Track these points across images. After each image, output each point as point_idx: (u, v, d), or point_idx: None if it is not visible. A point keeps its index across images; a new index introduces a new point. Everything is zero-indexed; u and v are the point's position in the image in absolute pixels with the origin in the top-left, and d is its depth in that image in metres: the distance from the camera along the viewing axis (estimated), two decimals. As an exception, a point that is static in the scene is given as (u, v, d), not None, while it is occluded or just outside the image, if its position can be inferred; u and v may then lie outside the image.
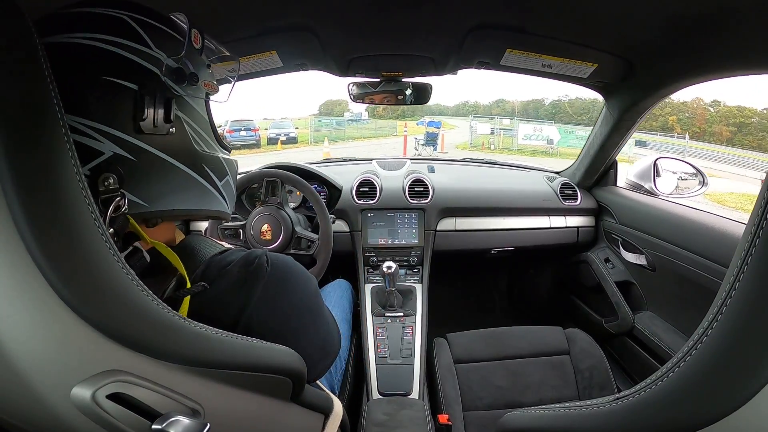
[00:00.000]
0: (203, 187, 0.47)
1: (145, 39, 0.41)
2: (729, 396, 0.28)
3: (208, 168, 0.48)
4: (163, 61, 0.42)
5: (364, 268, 1.37)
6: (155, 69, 0.42)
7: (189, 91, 0.46)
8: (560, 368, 1.08)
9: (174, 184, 0.44)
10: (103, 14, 0.40)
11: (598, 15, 0.85)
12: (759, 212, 0.27)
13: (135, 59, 0.40)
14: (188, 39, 0.45)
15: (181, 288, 0.42)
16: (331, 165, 1.78)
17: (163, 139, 0.43)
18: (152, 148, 0.42)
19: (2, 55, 0.28)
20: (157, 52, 0.42)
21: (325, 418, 0.63)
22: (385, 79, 1.26)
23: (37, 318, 0.28)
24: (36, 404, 0.29)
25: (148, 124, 0.41)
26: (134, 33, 0.41)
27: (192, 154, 0.46)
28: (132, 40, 0.40)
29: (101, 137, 0.38)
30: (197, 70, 0.46)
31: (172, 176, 0.44)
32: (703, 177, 1.30)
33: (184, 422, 0.32)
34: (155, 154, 0.42)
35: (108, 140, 0.39)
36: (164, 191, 0.43)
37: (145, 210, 0.42)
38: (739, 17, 0.68)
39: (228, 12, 0.84)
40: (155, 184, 0.42)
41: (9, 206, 0.27)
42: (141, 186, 0.41)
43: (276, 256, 0.50)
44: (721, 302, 0.29)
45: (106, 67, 0.39)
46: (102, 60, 0.39)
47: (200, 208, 0.47)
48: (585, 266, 1.49)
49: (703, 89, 41.54)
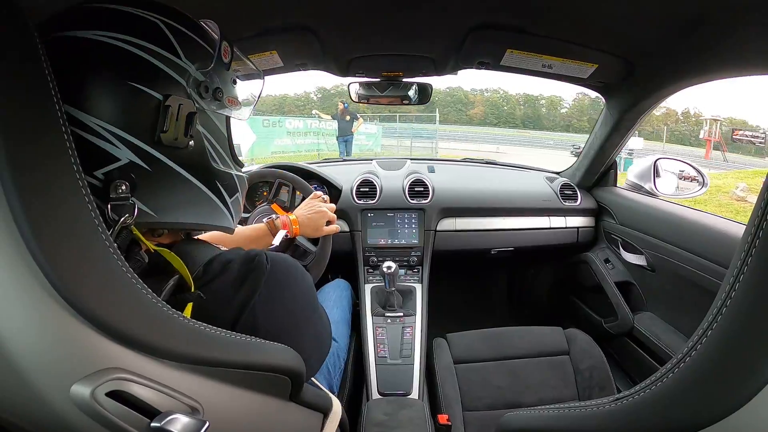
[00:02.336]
0: (213, 203, 0.47)
1: (176, 48, 0.40)
2: (729, 396, 0.28)
3: (220, 184, 0.48)
4: (191, 73, 0.41)
5: (363, 268, 1.37)
6: (182, 80, 0.41)
7: (212, 106, 0.45)
8: (560, 368, 1.08)
9: (185, 197, 0.43)
10: (135, 15, 0.39)
11: (598, 15, 0.85)
12: (759, 212, 0.27)
13: (163, 68, 0.39)
14: (218, 51, 0.44)
15: (181, 290, 0.42)
16: (331, 165, 1.78)
17: (180, 152, 0.42)
18: (169, 161, 0.41)
19: (2, 55, 0.28)
20: (186, 62, 0.41)
21: (324, 417, 0.63)
22: (385, 79, 1.26)
23: (36, 316, 0.28)
24: (35, 402, 0.29)
25: (168, 136, 0.40)
26: (166, 40, 0.40)
27: (207, 169, 0.46)
28: (163, 47, 0.39)
29: (119, 143, 0.38)
30: (223, 84, 0.45)
31: (185, 190, 0.43)
32: (703, 177, 1.30)
33: (183, 420, 0.32)
34: (171, 167, 0.41)
35: (126, 147, 0.38)
36: (174, 204, 0.43)
37: (153, 220, 0.41)
38: (739, 17, 0.68)
39: (228, 12, 0.84)
40: (166, 196, 0.42)
41: (9, 205, 0.27)
42: (152, 196, 0.41)
43: (274, 255, 0.50)
44: (721, 303, 0.29)
45: (134, 72, 0.38)
46: (130, 64, 0.38)
47: (207, 223, 0.47)
48: (585, 266, 1.49)
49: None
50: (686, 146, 20.59)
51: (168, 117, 0.39)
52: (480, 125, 23.95)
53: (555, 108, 38.96)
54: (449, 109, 25.85)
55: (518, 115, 33.73)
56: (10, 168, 0.27)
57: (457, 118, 25.12)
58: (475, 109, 27.08)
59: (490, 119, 25.48)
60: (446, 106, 25.76)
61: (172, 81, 0.40)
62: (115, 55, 0.37)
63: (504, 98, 26.87)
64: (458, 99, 27.19)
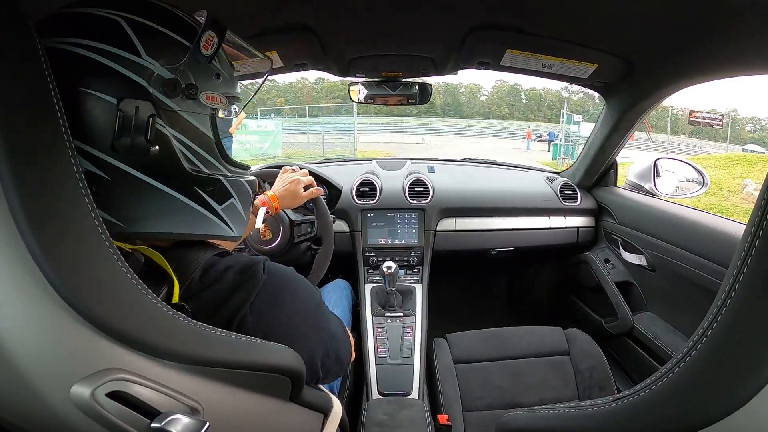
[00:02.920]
0: (194, 211, 0.43)
1: (136, 45, 0.37)
2: (729, 396, 0.28)
3: (202, 191, 0.44)
4: (153, 71, 0.38)
5: (364, 268, 1.37)
6: (141, 80, 0.38)
7: (184, 105, 0.41)
8: (560, 368, 1.08)
9: (156, 207, 0.40)
10: (96, 16, 0.37)
11: (598, 15, 0.85)
12: (759, 212, 0.27)
13: (118, 69, 0.37)
14: (196, 44, 0.41)
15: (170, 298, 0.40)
16: (331, 165, 1.79)
17: (143, 158, 0.39)
18: (128, 168, 0.38)
19: (2, 55, 0.28)
20: (148, 60, 0.38)
21: (324, 417, 0.63)
22: (385, 79, 1.26)
23: (36, 316, 0.28)
24: (36, 402, 0.29)
25: (123, 142, 0.37)
26: (124, 38, 0.37)
27: (181, 174, 0.42)
28: (118, 46, 0.37)
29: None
30: (201, 80, 0.42)
31: (154, 198, 0.40)
32: (703, 177, 1.30)
33: (183, 420, 0.32)
34: (132, 174, 0.39)
35: (81, 156, 0.35)
36: (144, 214, 0.40)
37: (121, 230, 0.39)
38: (739, 17, 0.68)
39: (228, 11, 0.84)
40: (132, 205, 0.39)
41: (9, 204, 0.27)
42: (116, 206, 0.38)
43: (274, 266, 0.48)
44: (721, 302, 0.29)
45: (85, 77, 0.36)
46: (82, 69, 0.36)
47: (192, 233, 0.43)
48: (585, 266, 1.49)
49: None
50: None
51: (122, 121, 0.37)
52: (399, 116, 23.10)
53: (474, 96, 38.54)
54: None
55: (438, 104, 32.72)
56: (10, 168, 0.27)
57: (376, 110, 23.75)
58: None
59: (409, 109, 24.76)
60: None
61: (128, 82, 0.37)
62: (67, 61, 0.35)
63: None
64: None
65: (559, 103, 27.24)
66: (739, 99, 36.22)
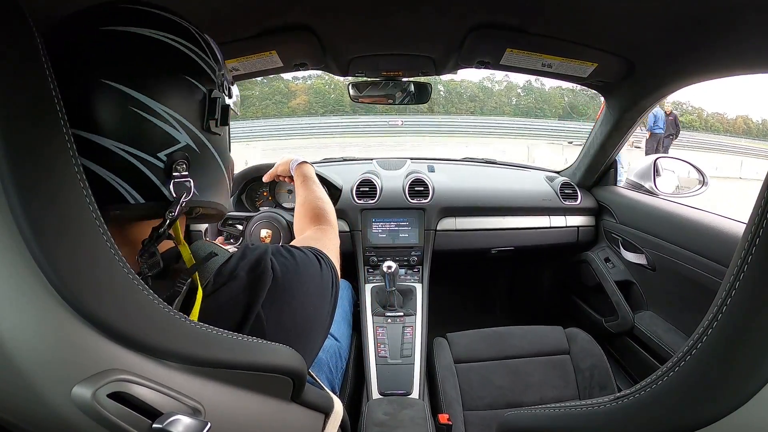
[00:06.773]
0: (226, 184, 0.53)
1: (207, 50, 0.46)
2: (729, 396, 0.28)
3: (229, 168, 0.54)
4: (218, 72, 0.47)
5: (364, 267, 1.37)
6: (216, 78, 0.46)
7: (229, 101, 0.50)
8: (561, 368, 1.08)
9: (214, 178, 0.49)
10: (171, 18, 0.43)
11: (598, 15, 0.85)
12: (759, 212, 0.27)
13: (203, 66, 0.45)
14: (222, 57, 0.50)
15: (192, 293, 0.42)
16: (331, 165, 1.78)
17: (218, 138, 0.48)
18: (211, 145, 0.47)
19: (2, 55, 0.28)
20: (215, 63, 0.47)
21: (326, 417, 0.63)
22: (385, 79, 1.26)
23: (37, 317, 0.28)
24: (36, 403, 0.29)
25: (213, 124, 0.46)
26: (199, 42, 0.45)
27: (227, 155, 0.53)
28: (199, 48, 0.45)
29: (180, 128, 0.42)
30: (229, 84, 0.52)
31: (217, 172, 0.49)
32: (703, 177, 1.30)
33: (184, 421, 0.32)
34: (212, 151, 0.48)
35: (184, 131, 0.43)
36: (209, 184, 0.48)
37: (195, 199, 0.45)
38: (739, 17, 0.68)
39: (228, 12, 0.84)
40: (206, 176, 0.47)
41: (9, 204, 0.27)
42: (197, 177, 0.45)
43: (283, 262, 0.50)
44: (721, 302, 0.29)
45: (185, 67, 0.43)
46: (182, 60, 0.43)
47: (220, 202, 0.51)
48: (585, 266, 1.49)
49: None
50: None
51: (214, 108, 0.45)
52: (305, 116, 21.37)
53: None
54: (267, 102, 23.17)
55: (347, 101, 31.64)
56: (10, 168, 0.27)
57: (277, 111, 22.64)
58: (297, 99, 24.21)
59: (316, 108, 23.14)
60: (264, 99, 22.98)
61: (210, 78, 0.45)
62: (172, 52, 0.42)
63: (329, 84, 23.58)
64: (276, 90, 23.75)
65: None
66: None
